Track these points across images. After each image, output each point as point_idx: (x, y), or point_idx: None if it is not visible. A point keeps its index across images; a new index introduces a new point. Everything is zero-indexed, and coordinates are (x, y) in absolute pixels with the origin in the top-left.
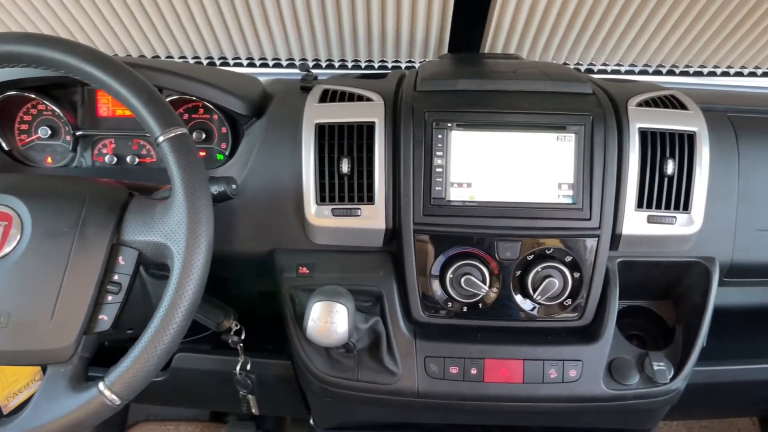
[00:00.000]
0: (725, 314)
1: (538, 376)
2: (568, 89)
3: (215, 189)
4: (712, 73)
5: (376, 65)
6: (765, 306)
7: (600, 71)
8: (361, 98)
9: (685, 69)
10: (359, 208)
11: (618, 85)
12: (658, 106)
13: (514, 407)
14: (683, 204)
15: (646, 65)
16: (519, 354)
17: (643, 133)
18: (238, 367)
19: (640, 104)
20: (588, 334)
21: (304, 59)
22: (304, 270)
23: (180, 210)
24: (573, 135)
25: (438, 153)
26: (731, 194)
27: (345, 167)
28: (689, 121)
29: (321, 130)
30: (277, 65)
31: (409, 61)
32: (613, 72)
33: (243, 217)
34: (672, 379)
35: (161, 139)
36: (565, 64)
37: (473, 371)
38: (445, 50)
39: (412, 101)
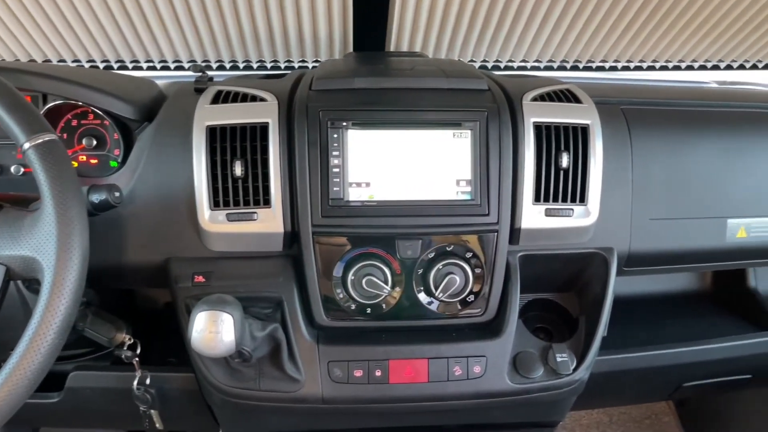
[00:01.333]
0: (629, 303)
1: (443, 374)
2: (463, 86)
3: (96, 198)
4: (613, 68)
5: (282, 65)
6: (666, 293)
7: (506, 68)
8: (254, 99)
9: (588, 64)
10: (255, 212)
11: (515, 80)
12: (553, 100)
13: (420, 407)
14: (579, 196)
15: (550, 61)
16: (423, 353)
17: (538, 127)
18: (135, 383)
19: (534, 99)
20: (491, 329)
21: (206, 61)
22: (200, 278)
23: (49, 221)
24: (469, 131)
25: (334, 153)
26: (626, 185)
27: (238, 170)
28: (582, 115)
29: (212, 132)
30: (179, 68)
31: (316, 61)
32: (519, 68)
33: (134, 226)
34: (575, 370)
35: (27, 146)
36: (471, 61)
37: (378, 373)
38: (351, 49)
39: (306, 100)
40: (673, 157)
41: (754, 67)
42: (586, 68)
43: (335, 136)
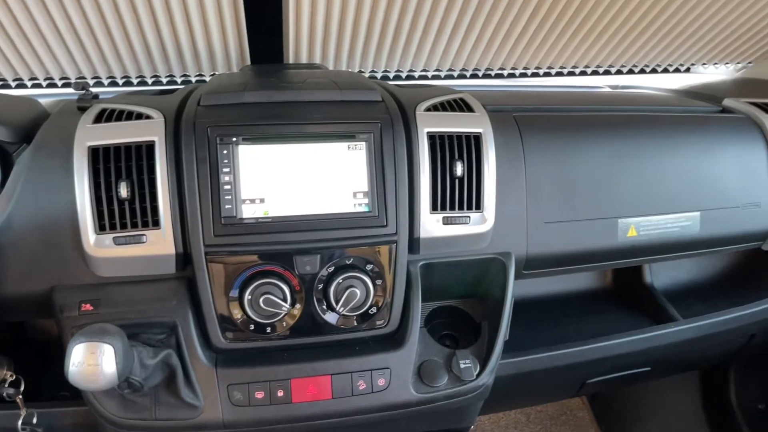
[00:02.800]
0: (535, 304)
1: (347, 389)
2: (356, 98)
3: None
4: (511, 75)
5: (179, 80)
6: (569, 292)
7: (408, 77)
8: (140, 116)
9: (486, 72)
10: (144, 234)
11: (410, 91)
12: (446, 109)
13: (326, 424)
14: (475, 203)
15: (450, 70)
16: (326, 369)
17: (432, 137)
18: (19, 423)
19: (428, 109)
20: (395, 340)
21: (96, 77)
22: (88, 306)
23: None
24: (363, 143)
25: (225, 169)
26: (520, 191)
27: (124, 192)
28: (475, 123)
29: (95, 153)
30: (66, 85)
31: (213, 75)
32: (420, 77)
33: (13, 256)
34: (478, 375)
35: None
36: (372, 71)
37: (280, 393)
38: (248, 62)
39: (194, 117)
40: (564, 161)
41: (642, 71)
42: (485, 76)
43: (225, 152)
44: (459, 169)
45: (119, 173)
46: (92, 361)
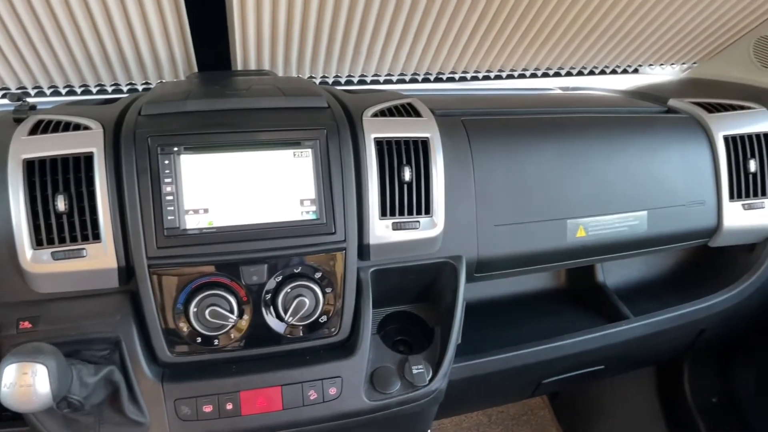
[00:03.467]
0: (490, 307)
1: (297, 399)
2: (301, 104)
3: None
4: (462, 78)
5: (125, 89)
6: (524, 293)
7: (360, 82)
8: (77, 127)
9: (438, 76)
10: (84, 248)
11: (357, 96)
12: (393, 115)
13: None
14: (424, 208)
15: (401, 74)
16: (276, 380)
17: (379, 143)
18: None
19: (375, 114)
20: (346, 348)
21: (37, 87)
22: (26, 324)
23: None
24: (309, 150)
25: (167, 180)
26: (469, 194)
27: (61, 205)
28: (422, 128)
29: (30, 165)
30: (6, 95)
31: (161, 83)
32: (372, 82)
33: None
34: (431, 381)
35: None
36: (323, 77)
37: (229, 406)
38: (195, 69)
39: (134, 127)
40: (512, 164)
41: (592, 73)
42: (437, 80)
43: (167, 162)
44: (407, 175)
45: (56, 186)
46: (24, 382)
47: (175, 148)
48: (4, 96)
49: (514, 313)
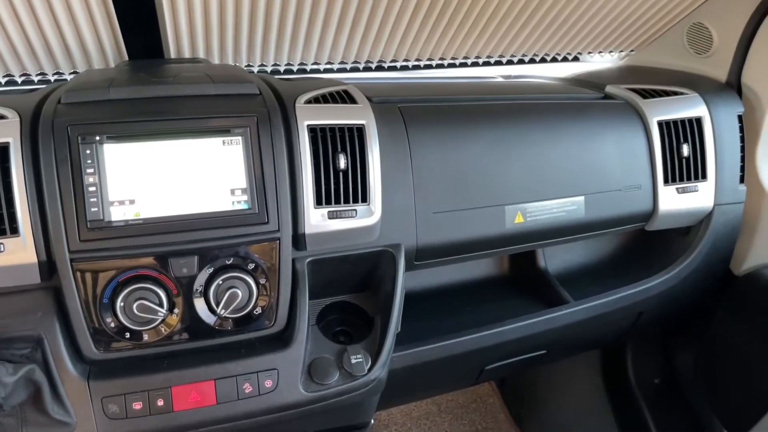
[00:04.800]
0: (432, 295)
1: (232, 393)
2: (231, 91)
3: None
4: (404, 68)
5: (52, 79)
6: (467, 281)
7: (299, 71)
8: None
9: (379, 64)
10: (1, 243)
11: (291, 83)
12: (328, 101)
13: (212, 431)
14: (361, 196)
15: (342, 62)
16: (209, 374)
17: (313, 130)
18: None
19: (308, 101)
20: (282, 340)
21: None
22: None
23: None
24: (240, 138)
25: (89, 170)
26: (406, 182)
27: None
28: (357, 115)
29: None
30: None
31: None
32: (312, 71)
33: None
34: (370, 370)
35: None
36: (261, 65)
37: (160, 403)
38: (126, 58)
39: (53, 115)
40: (450, 151)
41: (533, 61)
42: (378, 68)
43: (88, 152)
44: (342, 162)
45: None
46: None
47: (97, 137)
48: None
49: (456, 301)
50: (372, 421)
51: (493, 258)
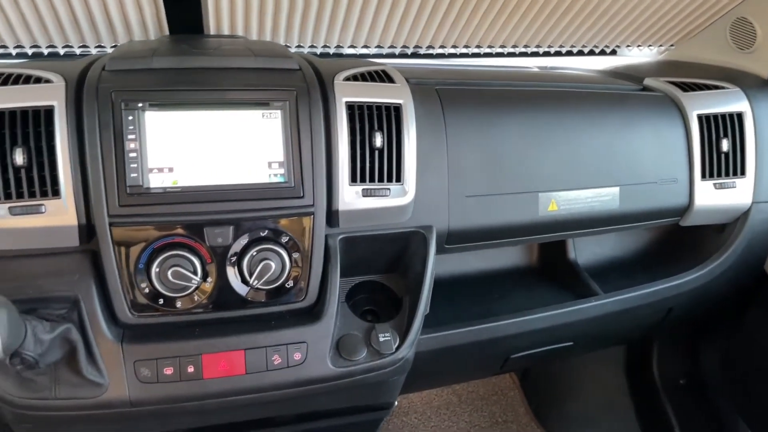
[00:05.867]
0: (460, 282)
1: (261, 364)
2: (271, 65)
3: None
4: (440, 55)
5: (94, 52)
6: (495, 270)
7: (335, 54)
8: (39, 80)
9: (415, 49)
10: (43, 204)
11: (331, 61)
12: (366, 80)
13: (239, 401)
14: (395, 176)
15: (378, 46)
16: (239, 344)
17: (350, 107)
18: None
19: (347, 78)
20: (312, 314)
21: (2, 46)
22: None
23: None
24: (279, 111)
25: (130, 136)
26: (441, 163)
27: (19, 159)
28: (395, 94)
29: None
30: None
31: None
32: (348, 56)
33: None
34: (397, 348)
35: None
36: (298, 46)
37: (190, 369)
38: (167, 33)
39: (98, 81)
40: (486, 134)
41: (570, 53)
42: (414, 55)
43: (130, 118)
44: (378, 140)
45: (15, 140)
46: None
47: (140, 104)
48: None
49: (483, 289)
50: (396, 403)
51: (521, 248)
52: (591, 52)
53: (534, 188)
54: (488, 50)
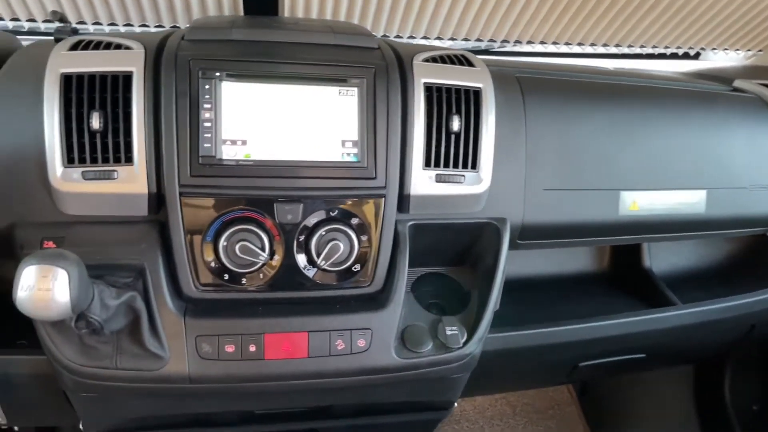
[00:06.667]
0: (526, 284)
1: (324, 348)
2: (351, 42)
3: None
4: (515, 53)
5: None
6: (562, 275)
7: None
8: (119, 47)
9: (490, 42)
10: (115, 170)
11: (409, 43)
12: (446, 63)
13: (299, 385)
14: (471, 162)
15: (452, 38)
16: (303, 326)
17: (429, 89)
18: None
19: (426, 60)
20: (378, 301)
21: (82, 22)
22: (50, 244)
23: None
24: (356, 89)
25: (206, 105)
26: (519, 153)
27: (96, 123)
28: (475, 78)
29: (68, 80)
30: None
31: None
32: None
33: None
34: (465, 344)
35: None
36: None
37: (252, 348)
38: (242, 14)
39: (176, 49)
40: (567, 126)
41: (651, 55)
42: (487, 50)
43: (207, 87)
44: (456, 124)
45: (92, 104)
46: (44, 286)
47: (217, 74)
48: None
49: (553, 293)
50: (456, 403)
51: (591, 252)
52: (673, 55)
53: (615, 185)
54: (565, 48)
